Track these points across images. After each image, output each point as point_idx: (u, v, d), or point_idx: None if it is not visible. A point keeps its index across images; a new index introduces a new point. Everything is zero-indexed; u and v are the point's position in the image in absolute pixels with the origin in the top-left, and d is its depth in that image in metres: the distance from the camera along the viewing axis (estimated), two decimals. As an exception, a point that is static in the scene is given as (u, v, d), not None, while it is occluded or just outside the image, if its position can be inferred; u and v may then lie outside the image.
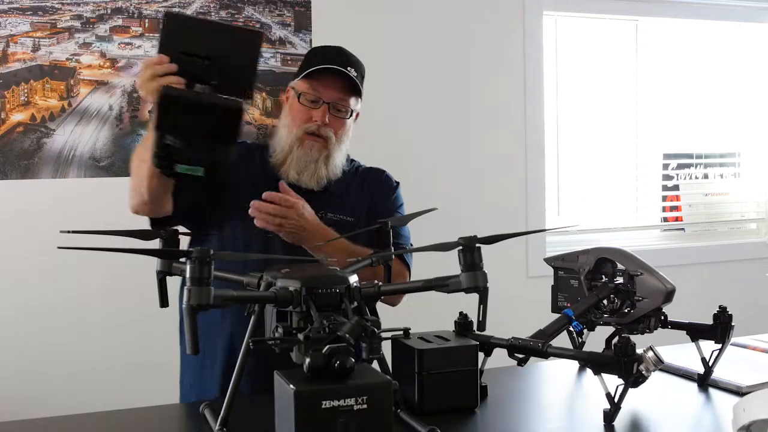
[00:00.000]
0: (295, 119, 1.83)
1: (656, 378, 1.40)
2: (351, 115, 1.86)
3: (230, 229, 1.81)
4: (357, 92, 1.84)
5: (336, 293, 1.16)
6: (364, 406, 1.02)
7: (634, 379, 1.29)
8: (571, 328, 1.53)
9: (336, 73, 1.80)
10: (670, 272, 1.53)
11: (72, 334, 2.64)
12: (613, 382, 1.30)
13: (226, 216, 1.81)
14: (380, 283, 1.24)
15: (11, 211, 2.60)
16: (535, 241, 3.24)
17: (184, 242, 1.75)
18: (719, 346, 1.54)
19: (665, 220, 3.74)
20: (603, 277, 1.59)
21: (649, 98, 3.58)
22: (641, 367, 1.28)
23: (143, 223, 1.77)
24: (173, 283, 1.48)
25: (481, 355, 1.44)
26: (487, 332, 1.29)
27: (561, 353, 1.39)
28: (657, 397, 1.45)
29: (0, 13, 2.58)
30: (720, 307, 1.55)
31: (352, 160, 1.97)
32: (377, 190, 1.96)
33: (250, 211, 1.65)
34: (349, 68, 1.81)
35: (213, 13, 2.80)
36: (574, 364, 1.68)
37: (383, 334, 1.10)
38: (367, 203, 1.92)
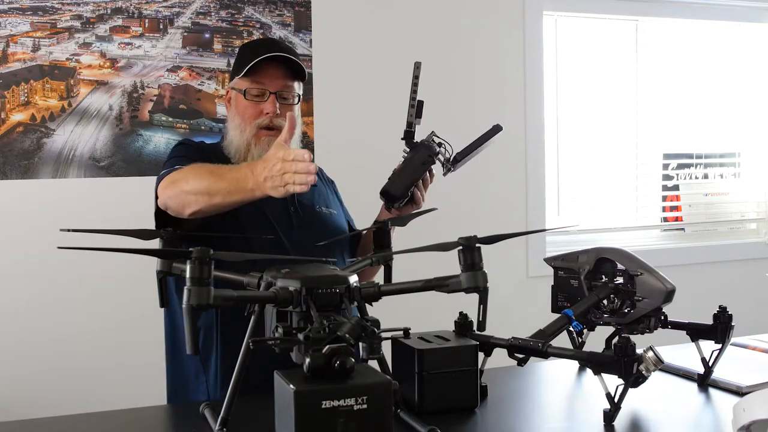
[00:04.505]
0: (244, 117, 1.78)
1: (656, 378, 1.40)
2: (298, 101, 1.83)
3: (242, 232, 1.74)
4: (299, 76, 1.82)
5: (336, 293, 1.16)
6: (364, 406, 1.03)
7: (634, 379, 1.29)
8: (571, 328, 1.52)
9: (276, 62, 1.77)
10: (670, 272, 1.53)
11: (72, 334, 2.64)
12: (613, 382, 1.30)
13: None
14: (380, 283, 1.24)
15: (11, 211, 2.60)
16: (535, 241, 3.24)
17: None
18: (719, 346, 1.55)
19: (665, 220, 3.74)
20: (603, 277, 1.59)
21: (649, 98, 3.57)
22: (641, 367, 1.29)
23: (143, 223, 1.76)
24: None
25: (481, 355, 1.44)
26: (487, 332, 1.29)
27: (561, 353, 1.39)
28: (657, 397, 1.45)
29: (0, 13, 2.58)
30: (720, 307, 1.55)
31: None
32: (327, 181, 1.98)
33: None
34: (287, 53, 1.79)
35: (213, 14, 2.80)
36: (574, 364, 1.68)
37: (383, 334, 1.10)
38: (332, 195, 1.93)
